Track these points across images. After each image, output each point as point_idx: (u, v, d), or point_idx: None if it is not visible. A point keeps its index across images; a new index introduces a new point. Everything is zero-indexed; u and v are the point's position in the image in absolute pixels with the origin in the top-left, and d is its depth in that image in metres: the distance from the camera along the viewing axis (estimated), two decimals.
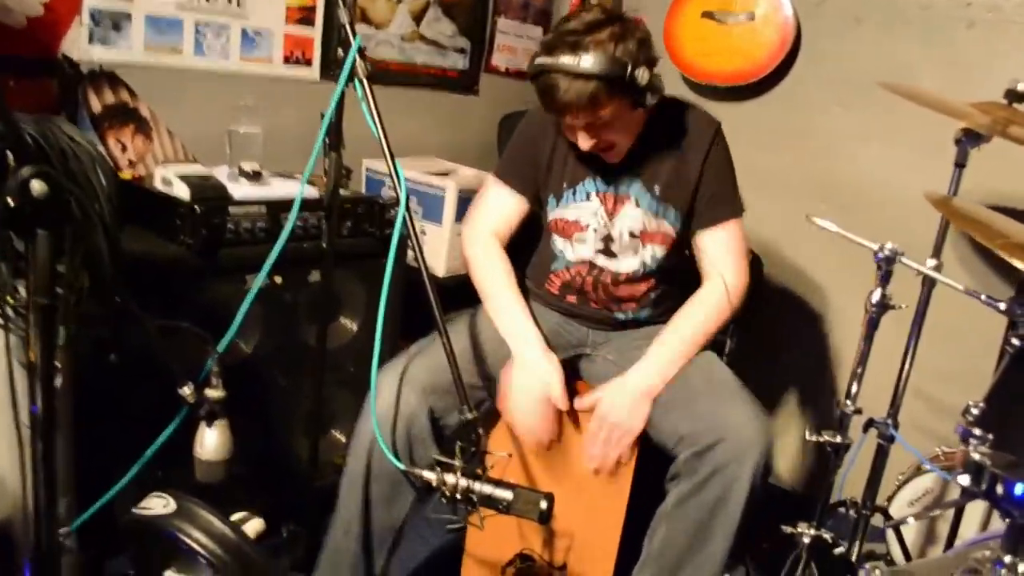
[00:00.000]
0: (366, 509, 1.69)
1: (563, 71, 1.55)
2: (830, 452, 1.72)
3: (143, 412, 1.60)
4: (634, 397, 1.71)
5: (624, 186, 1.80)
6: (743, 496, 1.59)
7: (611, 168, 1.79)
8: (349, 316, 2.17)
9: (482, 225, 1.90)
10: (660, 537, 1.69)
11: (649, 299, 1.89)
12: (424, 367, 1.70)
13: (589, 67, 1.53)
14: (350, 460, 1.70)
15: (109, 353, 1.94)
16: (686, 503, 1.64)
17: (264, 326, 1.96)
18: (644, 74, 1.57)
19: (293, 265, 1.95)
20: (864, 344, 1.67)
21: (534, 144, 1.85)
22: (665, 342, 1.76)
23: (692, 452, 1.62)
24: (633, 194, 1.80)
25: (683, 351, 1.75)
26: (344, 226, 2.03)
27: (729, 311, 1.78)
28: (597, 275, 1.86)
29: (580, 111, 1.59)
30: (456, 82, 2.87)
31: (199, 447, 1.50)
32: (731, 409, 1.63)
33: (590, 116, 1.60)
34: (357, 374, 2.18)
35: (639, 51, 1.58)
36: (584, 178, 1.81)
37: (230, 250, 1.84)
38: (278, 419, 2.07)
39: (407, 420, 1.65)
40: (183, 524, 1.36)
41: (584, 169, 1.81)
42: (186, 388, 1.46)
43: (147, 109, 2.10)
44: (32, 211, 1.19)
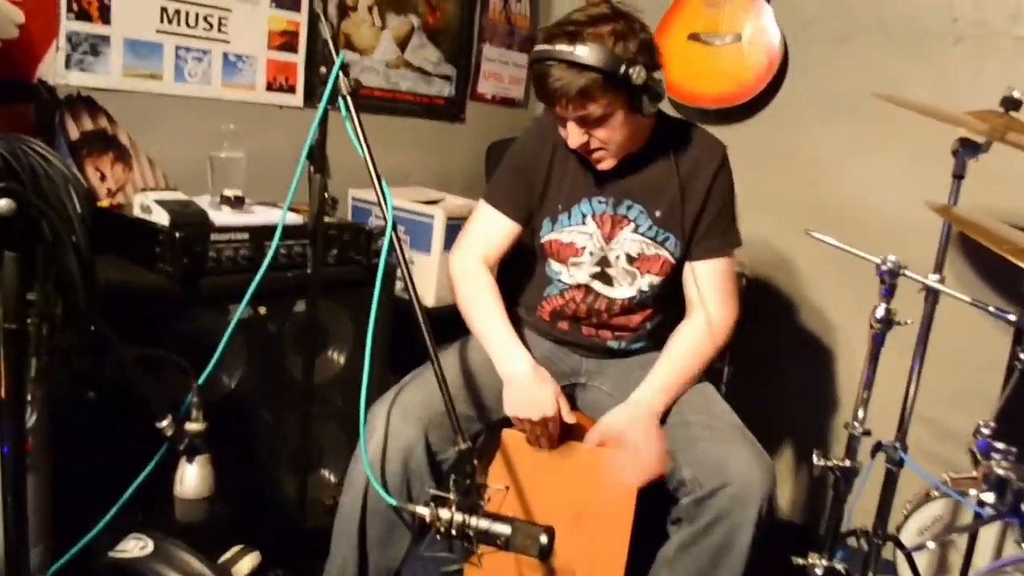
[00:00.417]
0: (362, 551, 1.61)
1: (557, 59, 1.51)
2: (839, 477, 1.66)
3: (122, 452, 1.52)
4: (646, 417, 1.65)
5: (623, 208, 1.75)
6: (747, 542, 1.53)
7: (609, 189, 1.74)
8: (336, 348, 2.10)
9: (470, 251, 1.84)
10: None
11: (644, 330, 1.84)
12: (418, 398, 1.63)
13: (583, 57, 1.49)
14: (344, 499, 1.62)
15: (87, 390, 1.86)
16: (688, 550, 1.58)
17: (247, 359, 1.89)
18: (640, 73, 1.52)
19: (277, 295, 1.89)
20: (870, 363, 1.62)
21: (528, 165, 1.80)
22: (664, 368, 1.72)
23: (694, 498, 1.56)
24: (632, 217, 1.75)
25: (686, 374, 1.72)
26: (330, 254, 1.97)
27: (713, 347, 1.74)
28: (592, 301, 1.80)
29: (570, 102, 1.54)
30: (442, 110, 2.83)
31: (179, 485, 1.42)
32: (733, 452, 1.56)
33: (580, 108, 1.55)
34: (345, 409, 2.09)
35: (638, 51, 1.54)
36: (580, 199, 1.76)
37: (211, 279, 1.77)
38: (264, 457, 1.98)
39: (403, 454, 1.58)
40: (160, 567, 1.28)
41: (580, 190, 1.76)
42: (165, 421, 1.38)
43: (126, 136, 2.05)
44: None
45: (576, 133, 1.60)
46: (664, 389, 1.69)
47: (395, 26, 2.62)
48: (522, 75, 3.10)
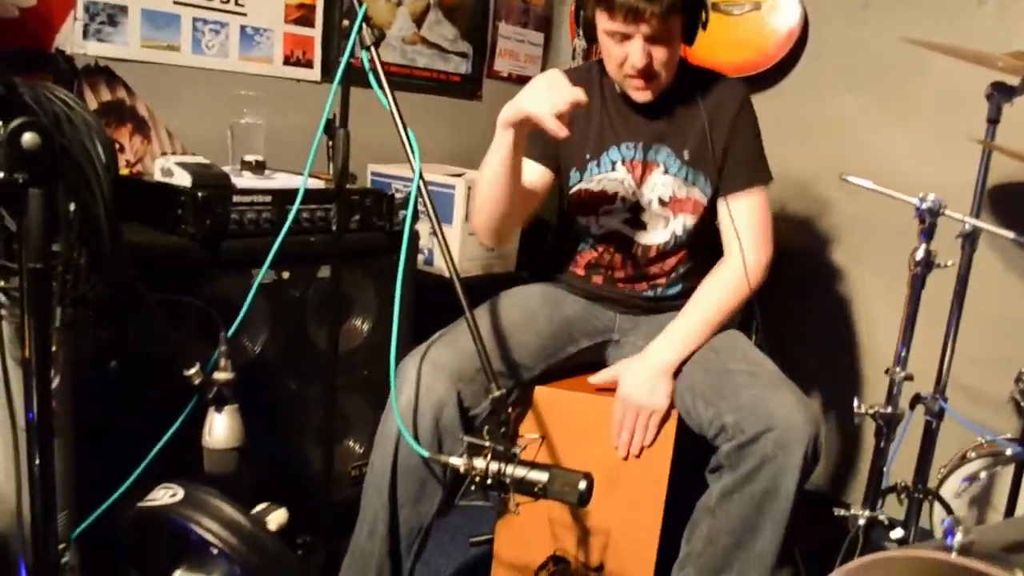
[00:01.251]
0: (392, 509, 1.57)
1: None
2: (880, 425, 1.61)
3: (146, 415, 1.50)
4: (654, 375, 1.64)
5: (652, 152, 1.72)
6: (792, 487, 1.48)
7: (637, 134, 1.71)
8: (360, 317, 2.06)
9: None
10: (702, 534, 1.58)
11: (679, 273, 1.80)
12: (449, 353, 1.59)
13: None
14: (375, 457, 1.58)
15: (110, 359, 1.84)
16: (731, 497, 1.53)
17: (271, 324, 1.86)
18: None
19: (300, 260, 1.86)
20: (910, 307, 1.58)
21: None
22: (683, 317, 1.69)
23: (736, 444, 1.51)
24: (661, 160, 1.72)
25: (704, 325, 1.68)
26: (352, 220, 1.95)
27: (747, 288, 1.69)
28: (626, 249, 1.77)
29: (654, 15, 1.50)
30: (458, 87, 2.81)
31: (208, 435, 1.39)
32: (776, 397, 1.52)
33: (660, 24, 1.52)
34: (370, 378, 2.06)
35: None
36: (608, 147, 1.73)
37: (234, 241, 1.75)
38: (289, 426, 1.95)
39: (435, 409, 1.54)
40: (192, 513, 1.24)
41: (608, 138, 1.73)
42: (192, 369, 1.36)
43: (145, 107, 2.03)
44: (24, 165, 1.11)
45: (642, 51, 1.56)
46: (682, 339, 1.66)
47: (411, 2, 2.60)
48: (538, 53, 3.08)
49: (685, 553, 1.61)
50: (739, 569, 1.54)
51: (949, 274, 1.73)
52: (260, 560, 1.22)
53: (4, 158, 1.14)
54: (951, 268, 1.67)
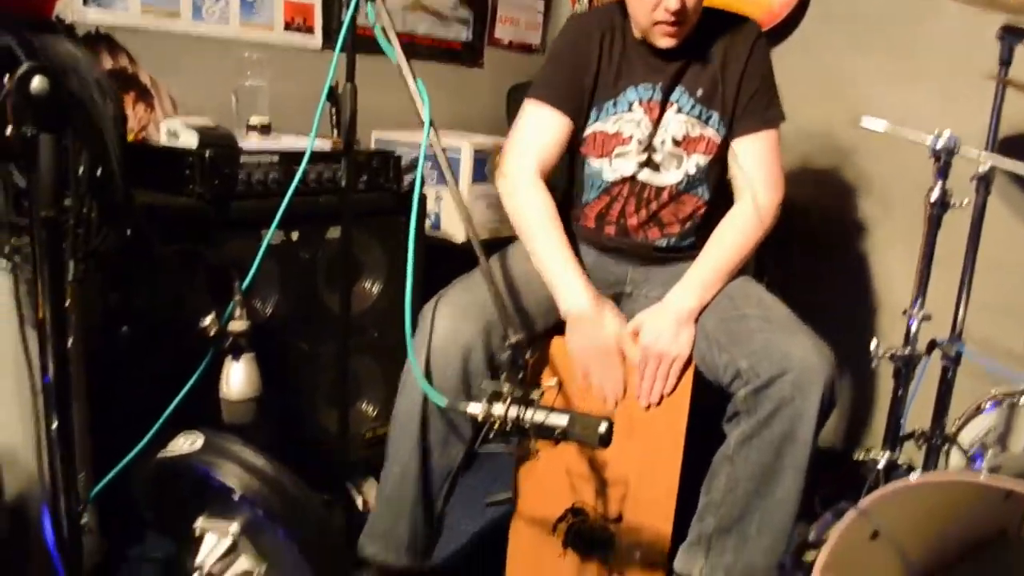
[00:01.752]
0: (423, 453, 1.57)
1: None
2: (899, 367, 1.61)
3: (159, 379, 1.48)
4: (677, 321, 1.62)
5: (666, 92, 1.71)
6: (811, 431, 1.48)
7: (654, 74, 1.70)
8: (370, 279, 2.06)
9: (525, 160, 1.72)
10: (721, 483, 1.57)
11: (694, 223, 1.78)
12: (472, 297, 1.59)
13: None
14: (400, 403, 1.58)
15: (121, 325, 1.84)
16: (749, 443, 1.52)
17: (281, 286, 1.85)
18: None
19: (309, 220, 1.86)
20: (926, 248, 1.57)
21: (576, 53, 1.73)
22: (700, 264, 1.68)
23: (752, 388, 1.51)
24: (675, 99, 1.71)
25: (720, 270, 1.67)
26: (360, 180, 1.94)
27: (762, 230, 1.69)
28: (640, 192, 1.76)
29: None
30: (460, 54, 2.80)
31: (225, 386, 1.39)
32: (791, 340, 1.51)
33: None
34: (381, 340, 2.06)
35: None
36: (626, 88, 1.72)
37: (242, 202, 1.74)
38: (302, 388, 1.95)
39: (463, 352, 1.53)
40: (213, 459, 1.23)
41: (626, 78, 1.72)
42: (207, 319, 1.35)
43: (147, 76, 2.01)
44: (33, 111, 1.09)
45: None
46: (701, 285, 1.65)
47: None
48: (538, 21, 3.06)
49: (704, 504, 1.61)
50: (760, 517, 1.53)
51: (963, 222, 1.72)
52: (283, 504, 1.21)
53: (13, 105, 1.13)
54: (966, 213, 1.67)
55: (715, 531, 1.55)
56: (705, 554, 1.56)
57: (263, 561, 1.29)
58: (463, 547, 1.99)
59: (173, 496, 1.31)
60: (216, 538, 1.28)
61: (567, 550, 1.81)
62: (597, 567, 1.80)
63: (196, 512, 1.29)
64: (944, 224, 1.63)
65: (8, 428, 1.61)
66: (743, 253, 1.69)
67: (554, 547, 1.81)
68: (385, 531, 1.60)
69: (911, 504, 1.16)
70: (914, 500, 1.15)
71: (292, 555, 1.23)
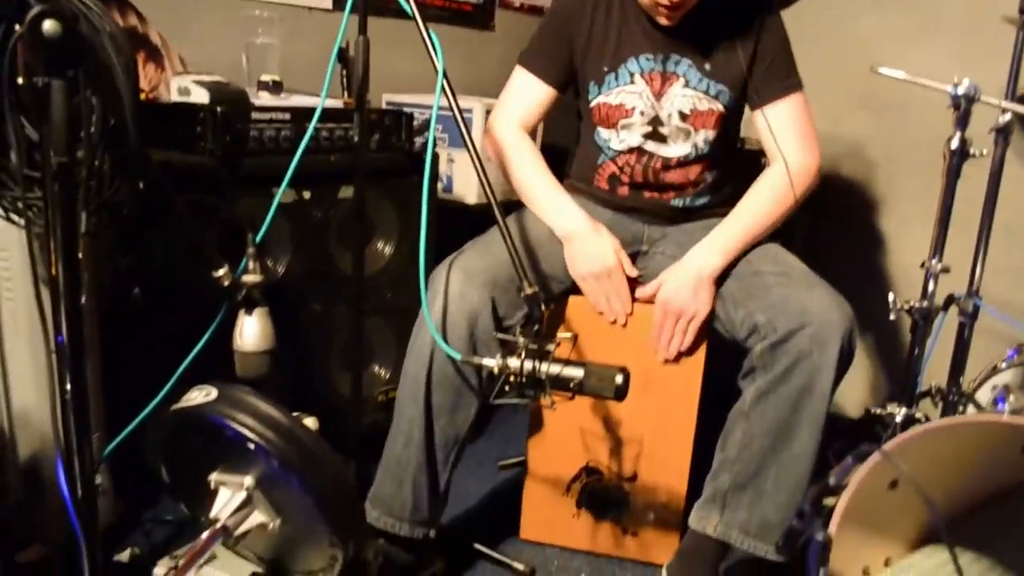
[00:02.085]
0: (428, 418, 1.56)
1: None
2: (916, 321, 1.59)
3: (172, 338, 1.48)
4: (697, 279, 1.59)
5: (671, 64, 1.68)
6: (829, 384, 1.46)
7: (655, 45, 1.68)
8: (382, 240, 2.05)
9: (507, 116, 1.78)
10: (737, 439, 1.56)
11: (705, 184, 1.77)
12: (482, 262, 1.57)
13: None
14: (409, 367, 1.57)
15: (132, 287, 1.83)
16: (766, 398, 1.51)
17: (294, 246, 1.84)
18: None
19: (321, 179, 1.84)
20: (945, 197, 1.55)
21: (568, 25, 1.72)
22: (727, 224, 1.65)
23: (769, 343, 1.49)
24: (681, 73, 1.68)
25: (746, 232, 1.63)
26: (372, 139, 1.92)
27: (793, 196, 1.64)
28: (647, 162, 1.74)
29: None
30: (471, 16, 2.77)
31: (239, 338, 1.38)
32: (809, 294, 1.50)
33: None
34: (394, 302, 2.05)
35: None
36: (627, 59, 1.69)
37: (254, 159, 1.73)
38: (315, 349, 1.94)
39: (470, 318, 1.52)
40: (228, 409, 1.22)
41: (626, 49, 1.69)
42: (222, 270, 1.34)
43: (157, 35, 2.00)
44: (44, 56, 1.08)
45: None
46: (723, 246, 1.62)
47: None
48: None
49: (719, 461, 1.60)
50: (776, 472, 1.52)
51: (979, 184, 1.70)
52: (298, 454, 1.21)
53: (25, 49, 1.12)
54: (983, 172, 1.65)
55: (730, 487, 1.55)
56: (720, 511, 1.55)
57: (278, 515, 1.28)
58: (475, 509, 1.99)
59: (187, 450, 1.31)
60: (231, 492, 1.27)
61: (581, 510, 1.81)
62: (611, 527, 1.81)
63: (210, 466, 1.28)
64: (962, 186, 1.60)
65: (22, 389, 1.61)
66: (773, 218, 1.65)
67: (568, 507, 1.81)
68: (388, 497, 1.60)
69: (933, 449, 1.14)
70: (936, 444, 1.14)
71: (307, 508, 1.23)
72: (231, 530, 1.26)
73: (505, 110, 1.79)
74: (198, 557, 1.23)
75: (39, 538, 1.64)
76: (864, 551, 1.33)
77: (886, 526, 1.33)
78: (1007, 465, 1.23)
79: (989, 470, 1.23)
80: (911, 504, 1.34)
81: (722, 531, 1.55)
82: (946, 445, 1.12)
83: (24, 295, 1.56)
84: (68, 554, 1.53)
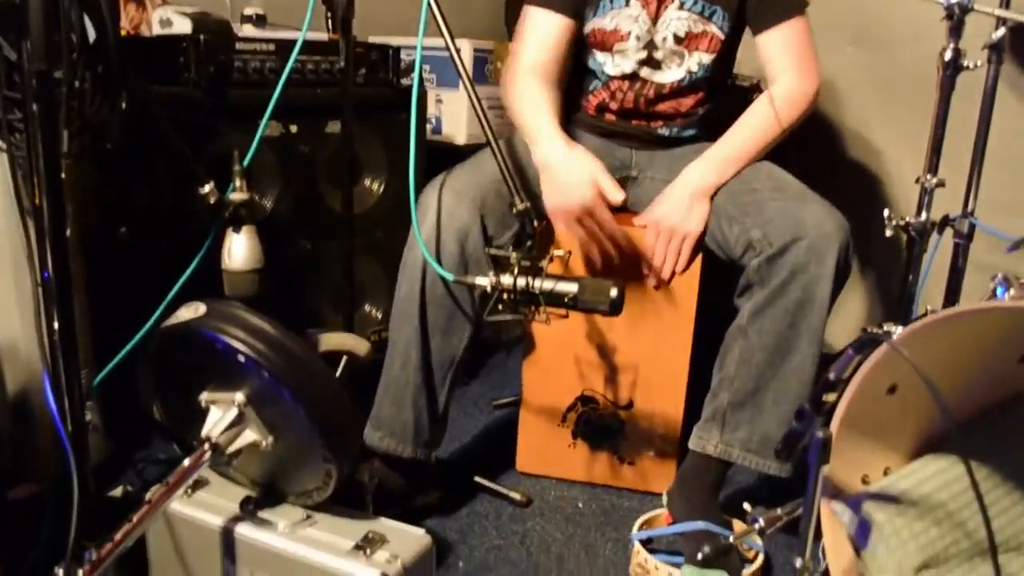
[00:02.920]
0: (424, 337, 1.55)
1: None
2: (912, 237, 1.58)
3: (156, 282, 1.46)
4: (690, 197, 1.58)
5: None
6: (827, 296, 1.45)
7: None
8: (371, 177, 2.03)
9: (521, 63, 1.71)
10: (735, 356, 1.54)
11: (696, 116, 1.75)
12: (470, 179, 1.56)
13: None
14: (401, 287, 1.55)
15: (119, 225, 1.81)
16: (763, 312, 1.49)
17: (282, 181, 1.82)
18: None
19: (307, 112, 1.82)
20: (940, 108, 1.53)
21: None
22: (723, 143, 1.63)
23: (765, 257, 1.47)
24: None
25: (741, 151, 1.61)
26: (359, 74, 1.90)
27: (792, 117, 1.62)
28: (639, 89, 1.72)
29: None
30: None
31: (227, 257, 1.36)
32: (805, 207, 1.48)
33: None
34: (384, 241, 2.03)
35: None
36: None
37: (239, 91, 1.70)
38: (305, 289, 1.92)
39: (459, 235, 1.50)
40: (217, 323, 1.21)
41: None
42: (207, 187, 1.32)
43: None
44: None
45: None
46: (718, 164, 1.60)
47: None
48: None
49: (718, 380, 1.58)
50: (775, 387, 1.51)
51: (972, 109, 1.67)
52: (288, 365, 1.19)
53: None
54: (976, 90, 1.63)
55: (729, 405, 1.53)
56: (720, 429, 1.54)
57: (270, 433, 1.27)
58: (471, 446, 1.99)
59: (177, 372, 1.29)
60: (222, 410, 1.26)
61: (577, 440, 1.80)
62: (608, 457, 1.80)
63: (201, 386, 1.26)
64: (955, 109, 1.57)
65: (7, 322, 1.59)
66: (768, 138, 1.62)
67: (564, 438, 1.81)
68: (390, 419, 1.58)
69: (935, 348, 1.13)
70: (938, 341, 1.13)
71: (299, 422, 1.21)
72: (222, 448, 1.24)
73: (523, 57, 1.72)
74: (188, 474, 1.22)
75: (30, 476, 1.62)
76: (863, 459, 1.32)
77: (885, 434, 1.33)
78: (1005, 373, 1.22)
79: (988, 376, 1.22)
80: (910, 411, 1.33)
81: (723, 450, 1.53)
82: (948, 341, 1.11)
83: (7, 226, 1.54)
84: (59, 492, 1.51)
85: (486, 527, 1.65)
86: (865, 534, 1.28)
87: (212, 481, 1.41)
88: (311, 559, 1.24)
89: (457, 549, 1.58)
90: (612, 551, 1.60)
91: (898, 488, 1.30)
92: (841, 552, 1.30)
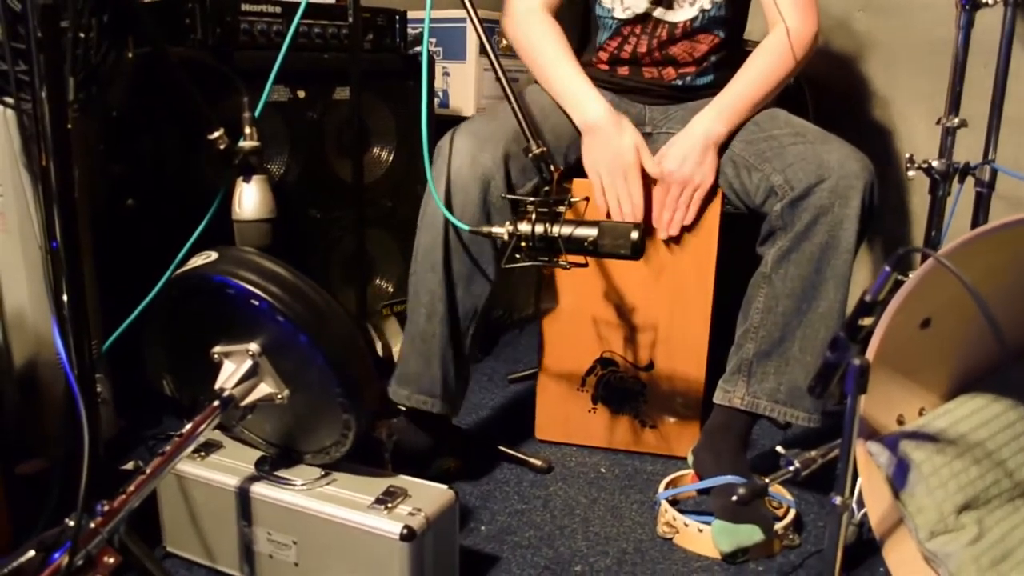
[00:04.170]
0: (450, 287, 1.51)
1: None
2: (936, 180, 1.54)
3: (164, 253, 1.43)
4: (699, 147, 1.54)
5: None
6: (852, 238, 1.40)
7: None
8: (380, 146, 1.99)
9: (525, 3, 1.68)
10: (759, 305, 1.50)
11: (710, 62, 1.71)
12: (492, 127, 1.52)
13: None
14: (422, 239, 1.51)
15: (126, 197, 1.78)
16: (788, 257, 1.45)
17: (291, 147, 1.79)
18: None
19: (315, 78, 1.79)
20: (961, 49, 1.50)
21: None
22: (729, 91, 1.59)
23: (788, 201, 1.43)
24: None
25: (748, 97, 1.57)
26: (366, 39, 1.87)
27: (793, 60, 1.58)
28: (652, 31, 1.68)
29: None
30: None
31: (237, 207, 1.33)
32: (826, 147, 1.44)
33: None
34: (395, 211, 1.99)
35: None
36: None
37: (245, 53, 1.67)
38: (315, 257, 1.89)
39: (482, 182, 1.46)
40: (230, 267, 1.17)
41: None
42: (217, 132, 1.28)
43: None
44: None
45: None
46: (728, 109, 1.56)
47: None
48: None
49: (742, 331, 1.53)
50: (802, 334, 1.46)
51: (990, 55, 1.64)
52: (305, 308, 1.15)
53: None
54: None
55: (755, 356, 1.49)
56: (746, 381, 1.50)
57: (286, 385, 1.23)
58: (488, 417, 1.95)
59: (188, 327, 1.25)
60: (235, 363, 1.22)
61: (597, 405, 1.76)
62: (629, 421, 1.76)
63: (212, 340, 1.23)
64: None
65: (15, 290, 1.55)
66: (774, 82, 1.59)
67: (584, 403, 1.77)
68: (417, 375, 1.55)
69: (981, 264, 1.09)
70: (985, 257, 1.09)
71: (317, 368, 1.17)
72: (237, 400, 1.20)
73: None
74: (202, 425, 1.18)
75: (38, 452, 1.58)
76: (897, 398, 1.28)
77: (918, 372, 1.29)
78: None
79: None
80: (944, 347, 1.29)
81: (749, 402, 1.49)
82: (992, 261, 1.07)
83: (14, 191, 1.50)
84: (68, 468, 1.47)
85: (507, 492, 1.61)
86: (903, 474, 1.24)
87: (226, 445, 1.37)
88: (331, 515, 1.20)
89: (479, 514, 1.53)
90: (638, 512, 1.55)
91: (935, 427, 1.27)
92: (879, 496, 1.26)
